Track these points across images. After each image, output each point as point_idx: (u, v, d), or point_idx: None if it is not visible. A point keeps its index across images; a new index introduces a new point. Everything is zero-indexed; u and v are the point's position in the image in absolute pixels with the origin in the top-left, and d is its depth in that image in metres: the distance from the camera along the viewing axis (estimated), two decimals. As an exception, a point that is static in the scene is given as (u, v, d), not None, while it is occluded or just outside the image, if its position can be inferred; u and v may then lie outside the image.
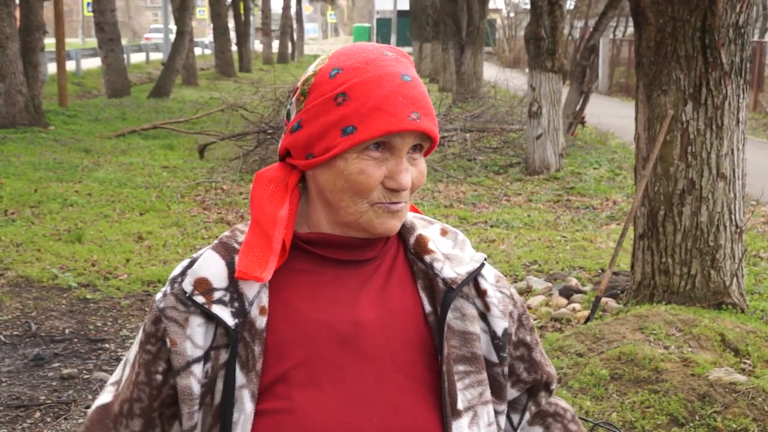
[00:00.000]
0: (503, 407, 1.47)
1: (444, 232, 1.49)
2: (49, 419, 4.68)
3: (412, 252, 1.45)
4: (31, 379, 5.18)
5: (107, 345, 5.75)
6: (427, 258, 1.43)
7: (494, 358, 1.44)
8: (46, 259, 7.52)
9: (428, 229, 1.49)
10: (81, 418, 4.70)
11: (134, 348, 1.42)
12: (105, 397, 1.44)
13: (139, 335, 1.41)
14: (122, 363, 1.46)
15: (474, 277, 1.44)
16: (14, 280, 6.96)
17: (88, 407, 4.81)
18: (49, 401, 4.87)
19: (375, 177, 1.32)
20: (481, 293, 1.44)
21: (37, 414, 4.73)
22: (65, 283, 6.90)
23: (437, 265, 1.42)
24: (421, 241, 1.45)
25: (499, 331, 1.44)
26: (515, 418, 1.55)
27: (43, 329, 5.98)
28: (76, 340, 5.82)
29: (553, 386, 1.57)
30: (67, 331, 5.98)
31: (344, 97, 1.32)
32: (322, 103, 1.34)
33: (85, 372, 5.30)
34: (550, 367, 1.58)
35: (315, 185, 1.38)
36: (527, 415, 1.55)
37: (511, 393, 1.52)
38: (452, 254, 1.45)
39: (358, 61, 1.34)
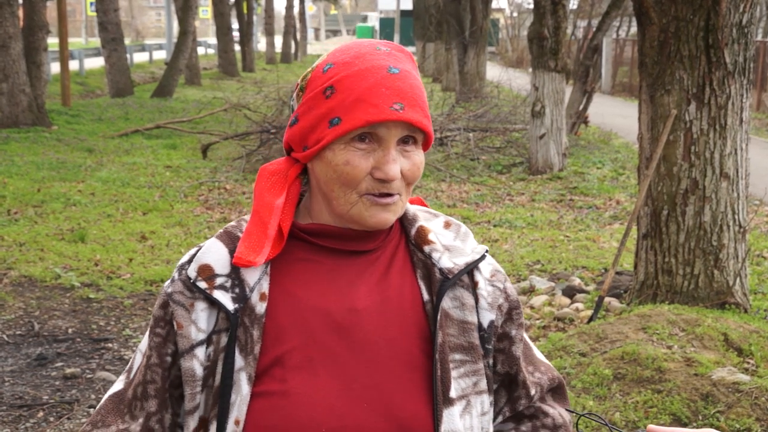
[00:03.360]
0: (491, 398, 1.48)
1: (447, 225, 1.52)
2: (52, 419, 4.69)
3: (412, 243, 1.48)
4: (34, 378, 5.19)
5: (110, 344, 5.76)
6: (427, 248, 1.46)
7: (481, 350, 1.46)
8: (49, 259, 7.53)
9: (432, 221, 1.52)
10: (84, 418, 4.70)
11: (145, 336, 1.47)
12: (117, 385, 1.49)
13: (150, 322, 1.46)
14: (135, 353, 1.50)
15: (471, 268, 1.46)
16: (17, 280, 6.97)
17: (91, 407, 4.82)
18: (52, 401, 4.88)
19: (361, 167, 1.35)
20: (474, 285, 1.47)
21: (40, 413, 4.74)
22: (68, 282, 6.91)
23: (435, 256, 1.45)
24: (421, 232, 1.48)
25: (485, 323, 1.46)
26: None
27: (46, 329, 5.99)
28: (79, 339, 5.83)
29: (535, 392, 1.56)
30: (70, 330, 5.98)
31: (332, 90, 1.36)
32: (313, 96, 1.38)
33: (88, 371, 5.30)
34: (539, 372, 1.57)
35: (314, 177, 1.43)
36: (500, 418, 1.56)
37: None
38: (453, 245, 1.48)
39: (349, 56, 1.39)
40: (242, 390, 1.34)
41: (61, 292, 6.74)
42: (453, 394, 1.39)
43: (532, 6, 12.30)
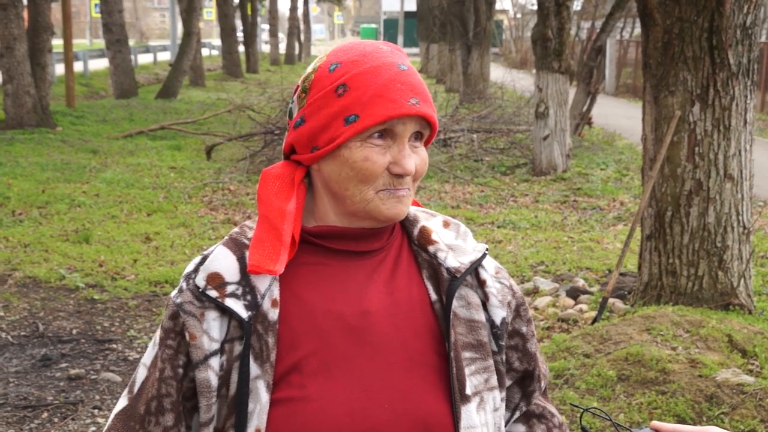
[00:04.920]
0: (502, 394, 1.49)
1: (446, 224, 1.53)
2: (56, 419, 4.69)
3: (416, 243, 1.48)
4: (38, 379, 5.20)
5: (114, 345, 5.77)
6: (431, 248, 1.47)
7: (494, 347, 1.47)
8: (53, 260, 7.54)
9: (431, 221, 1.52)
10: (88, 419, 4.71)
11: (151, 349, 1.45)
12: (121, 403, 1.46)
13: (158, 333, 1.44)
14: (137, 368, 1.48)
15: (475, 267, 1.47)
16: (22, 281, 6.98)
17: (95, 407, 4.82)
18: (56, 402, 4.88)
19: (379, 163, 1.35)
20: (481, 283, 1.48)
21: (45, 414, 4.74)
22: (73, 283, 6.92)
23: (441, 255, 1.46)
24: (424, 232, 1.48)
25: (498, 321, 1.47)
26: (506, 415, 1.57)
27: (51, 330, 6.00)
28: (83, 340, 5.84)
29: (544, 384, 1.59)
30: (74, 331, 5.99)
31: (344, 88, 1.35)
32: (323, 96, 1.37)
33: (92, 372, 5.31)
34: (544, 364, 1.60)
35: (320, 178, 1.42)
36: (517, 413, 1.57)
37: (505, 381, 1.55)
38: (455, 245, 1.49)
39: (355, 55, 1.39)
40: (261, 398, 1.33)
41: (65, 293, 6.75)
42: (468, 391, 1.40)
43: (535, 7, 12.30)
